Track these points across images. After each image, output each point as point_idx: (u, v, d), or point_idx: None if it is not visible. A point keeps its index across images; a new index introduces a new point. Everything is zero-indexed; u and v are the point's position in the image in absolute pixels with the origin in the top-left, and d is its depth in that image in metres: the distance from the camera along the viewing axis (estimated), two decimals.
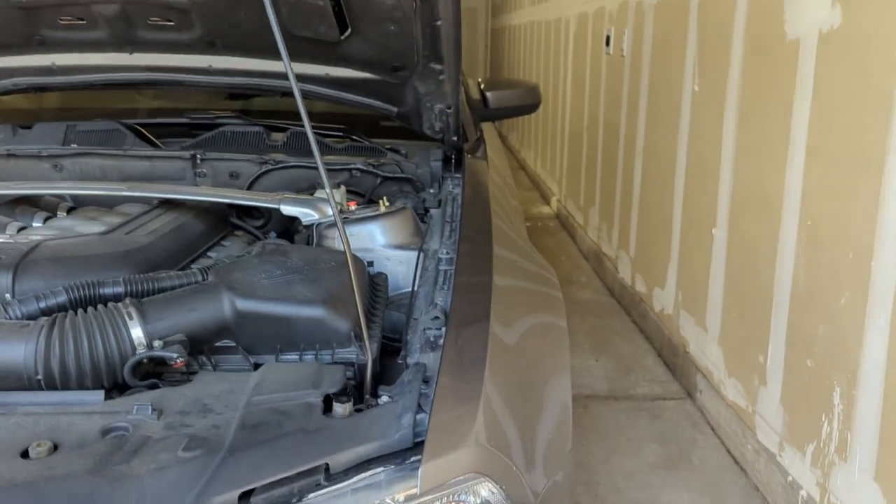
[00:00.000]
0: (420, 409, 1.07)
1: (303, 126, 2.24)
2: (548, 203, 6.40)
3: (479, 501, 1.09)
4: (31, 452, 0.93)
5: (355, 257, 1.48)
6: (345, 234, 1.06)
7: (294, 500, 0.92)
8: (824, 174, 1.97)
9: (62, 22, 1.83)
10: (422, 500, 1.02)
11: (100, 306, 1.18)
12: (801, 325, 2.08)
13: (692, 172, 2.98)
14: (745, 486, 2.33)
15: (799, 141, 2.08)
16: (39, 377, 1.10)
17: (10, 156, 1.93)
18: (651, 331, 3.42)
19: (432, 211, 1.83)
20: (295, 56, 2.00)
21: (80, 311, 1.16)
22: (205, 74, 2.02)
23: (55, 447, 0.94)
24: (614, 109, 4.17)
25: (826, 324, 1.95)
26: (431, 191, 2.00)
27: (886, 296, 1.70)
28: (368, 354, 1.13)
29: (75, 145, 2.01)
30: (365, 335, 1.11)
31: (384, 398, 1.11)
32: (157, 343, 1.13)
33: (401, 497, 1.01)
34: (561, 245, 5.22)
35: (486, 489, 1.07)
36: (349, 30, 1.82)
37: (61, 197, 1.83)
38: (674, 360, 3.10)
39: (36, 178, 1.94)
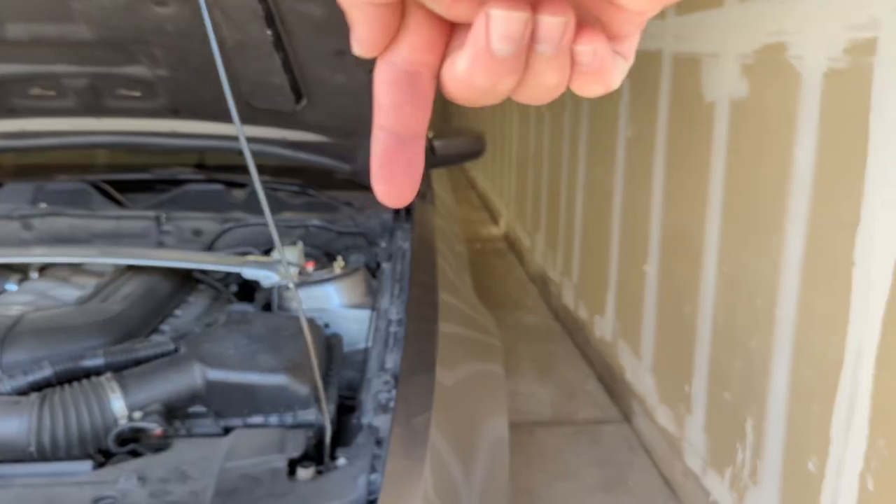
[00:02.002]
0: (374, 469, 1.24)
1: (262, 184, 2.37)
2: (496, 224, 6.61)
3: None
4: None
5: (313, 323, 1.64)
6: (300, 303, 1.22)
7: None
8: (737, 227, 2.20)
9: (32, 93, 1.95)
10: None
11: (84, 381, 1.31)
12: (720, 360, 2.30)
13: (627, 210, 3.20)
14: None
15: (716, 194, 2.31)
16: (32, 449, 1.22)
17: None
18: (592, 356, 3.64)
19: (384, 265, 1.99)
20: (254, 122, 2.16)
21: (66, 386, 1.29)
22: (168, 138, 2.15)
23: None
24: (557, 143, 4.39)
25: (741, 360, 2.17)
26: (383, 244, 2.16)
27: (788, 339, 1.92)
28: (327, 422, 1.28)
29: (44, 205, 2.12)
30: (322, 401, 1.26)
31: (341, 460, 1.27)
32: (136, 414, 1.27)
33: None
34: (509, 268, 5.42)
35: None
36: (304, 100, 1.97)
37: None
38: (613, 386, 3.32)
39: (6, 236, 2.04)
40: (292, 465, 1.22)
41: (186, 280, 1.95)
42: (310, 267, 1.88)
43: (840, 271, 1.68)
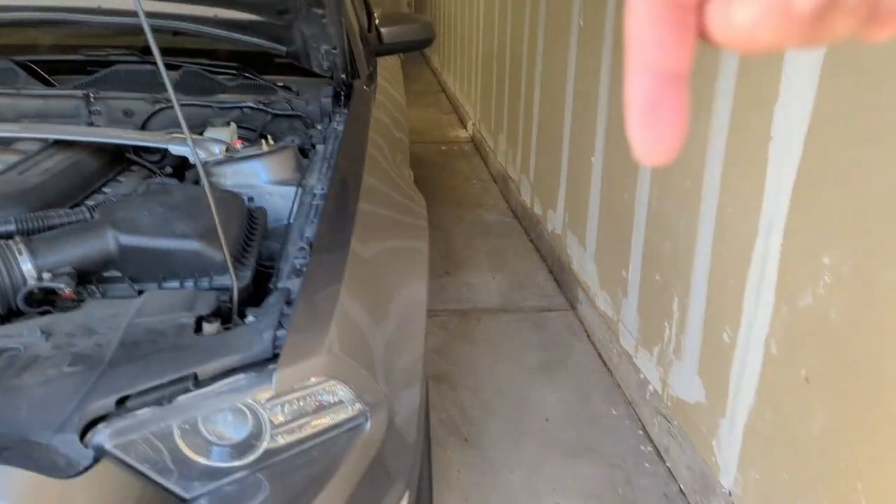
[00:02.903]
0: (281, 326, 1.28)
1: (196, 64, 2.33)
2: (465, 126, 6.55)
3: (334, 401, 1.32)
4: None
5: (233, 193, 1.66)
6: (203, 170, 1.23)
7: (165, 403, 1.12)
8: None
9: None
10: (279, 400, 1.24)
11: None
12: (653, 243, 2.36)
13: (577, 103, 3.19)
14: (610, 385, 2.66)
15: None
16: None
17: None
18: (545, 250, 3.70)
19: (318, 146, 1.99)
20: None
21: None
22: (94, 14, 2.09)
23: None
24: (518, 39, 4.32)
25: (670, 242, 2.23)
26: (319, 127, 2.15)
27: (711, 217, 1.96)
28: (233, 280, 1.31)
29: None
30: (229, 262, 1.29)
31: (250, 318, 1.31)
32: (46, 275, 1.30)
33: (262, 398, 1.22)
34: (474, 169, 5.42)
35: (337, 390, 1.30)
36: None
37: None
38: (561, 276, 3.39)
39: None
40: (200, 322, 1.26)
41: (117, 160, 1.94)
42: (238, 145, 1.88)
43: (758, 147, 1.70)
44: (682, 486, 2.13)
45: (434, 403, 2.51)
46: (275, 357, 1.22)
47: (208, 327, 1.24)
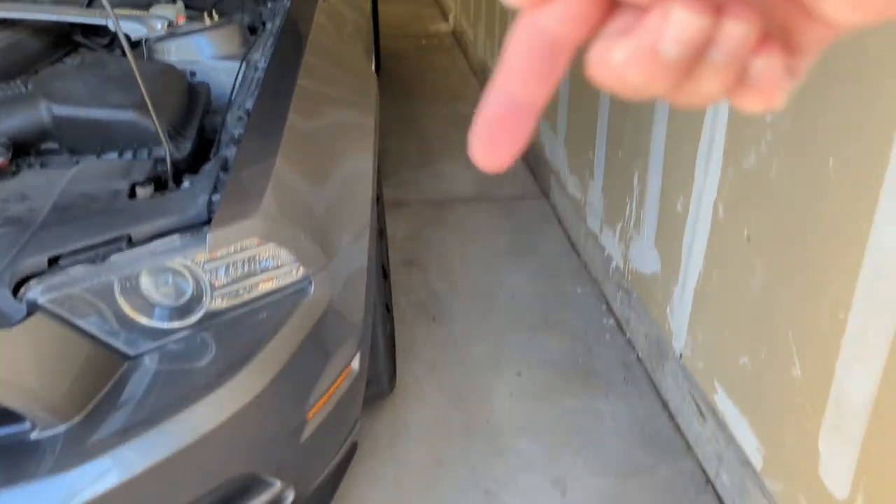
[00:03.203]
0: (216, 190, 1.29)
1: None
2: (446, 19, 6.38)
3: (275, 265, 1.34)
4: None
5: (172, 66, 1.63)
6: (126, 40, 1.21)
7: (98, 262, 1.14)
8: None
9: None
10: (218, 262, 1.26)
11: None
12: (616, 122, 2.34)
13: None
14: (577, 265, 2.70)
15: None
16: None
17: None
18: None
19: (267, 24, 1.95)
20: None
21: None
22: None
23: None
24: None
25: (632, 119, 2.21)
26: (270, 5, 2.10)
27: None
28: (166, 146, 1.31)
29: None
30: (159, 129, 1.29)
31: (186, 184, 1.32)
32: None
33: (200, 260, 1.24)
34: (454, 62, 5.32)
35: (278, 255, 1.32)
36: None
37: None
38: (536, 166, 3.38)
39: None
40: (134, 188, 1.27)
41: (63, 40, 1.90)
42: (181, 21, 1.84)
43: None
44: (639, 354, 2.20)
45: (403, 286, 2.56)
46: (210, 221, 1.24)
47: (141, 191, 1.25)
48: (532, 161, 3.46)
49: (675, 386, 1.96)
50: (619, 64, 0.24)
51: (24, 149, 1.38)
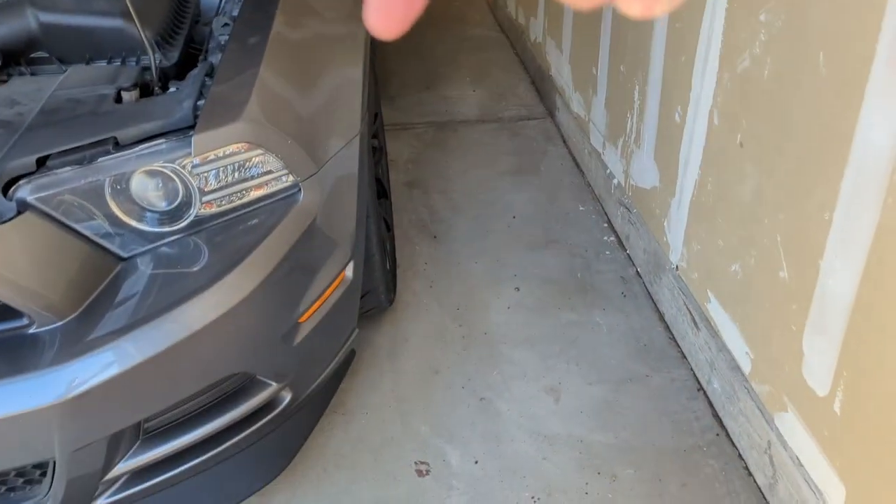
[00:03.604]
0: (202, 96, 1.29)
1: None
2: None
3: (263, 171, 1.35)
4: None
5: None
6: None
7: (86, 163, 1.17)
8: None
9: None
10: (206, 167, 1.28)
11: None
12: (619, 34, 2.30)
13: None
14: (580, 184, 2.69)
15: None
16: None
17: None
18: (527, 60, 3.62)
19: None
20: None
21: None
22: None
23: None
24: None
25: (631, 31, 2.17)
26: None
27: None
28: (151, 51, 1.31)
29: None
30: (143, 35, 1.29)
31: (172, 89, 1.33)
32: None
33: (187, 164, 1.26)
34: None
35: (266, 161, 1.33)
36: None
37: None
38: (541, 86, 3.34)
39: None
40: (120, 93, 1.28)
41: None
42: None
43: None
44: (638, 269, 2.21)
45: (405, 206, 2.57)
46: (196, 125, 1.25)
47: (127, 96, 1.26)
48: (538, 81, 3.41)
49: (671, 298, 1.97)
50: None
51: (15, 58, 1.39)
